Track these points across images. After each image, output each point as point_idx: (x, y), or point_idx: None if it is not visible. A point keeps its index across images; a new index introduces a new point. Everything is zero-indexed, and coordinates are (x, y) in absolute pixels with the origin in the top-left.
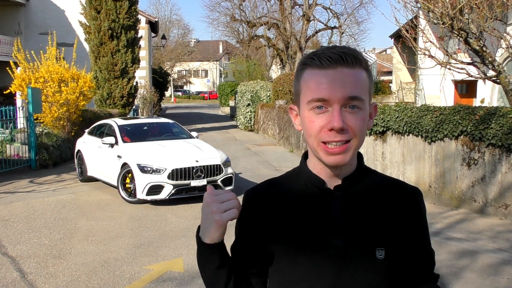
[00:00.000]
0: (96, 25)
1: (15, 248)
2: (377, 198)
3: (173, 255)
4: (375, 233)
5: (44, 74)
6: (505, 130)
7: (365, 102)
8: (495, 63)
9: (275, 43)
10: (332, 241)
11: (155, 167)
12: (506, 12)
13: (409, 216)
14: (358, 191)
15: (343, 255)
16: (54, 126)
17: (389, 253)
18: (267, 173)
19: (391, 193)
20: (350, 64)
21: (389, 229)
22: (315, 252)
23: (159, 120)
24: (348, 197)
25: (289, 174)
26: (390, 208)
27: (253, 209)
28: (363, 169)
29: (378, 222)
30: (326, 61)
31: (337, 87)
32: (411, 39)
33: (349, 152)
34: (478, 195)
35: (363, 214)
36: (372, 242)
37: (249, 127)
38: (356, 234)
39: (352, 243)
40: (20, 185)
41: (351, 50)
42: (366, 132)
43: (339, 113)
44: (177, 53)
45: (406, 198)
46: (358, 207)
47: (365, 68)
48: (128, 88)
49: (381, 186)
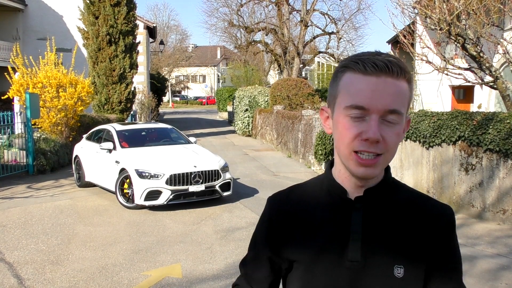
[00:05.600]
0: (94, 30)
1: (13, 254)
2: (401, 213)
3: (171, 260)
4: (395, 249)
5: (42, 79)
6: (503, 135)
7: (402, 116)
8: (492, 68)
9: (273, 49)
10: (349, 254)
11: (153, 173)
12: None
13: (435, 236)
14: (382, 204)
15: (360, 269)
16: (52, 131)
17: (409, 272)
18: (265, 178)
19: (418, 209)
20: (396, 74)
21: (411, 247)
22: (332, 263)
23: (157, 125)
24: (370, 209)
25: (313, 181)
26: (414, 225)
27: (275, 215)
28: (389, 182)
29: (399, 238)
30: (371, 67)
31: (379, 97)
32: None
33: (379, 165)
34: (476, 200)
35: (384, 228)
36: (391, 258)
37: (247, 133)
38: (375, 248)
39: (370, 258)
40: (18, 190)
41: (396, 59)
42: (397, 147)
43: (377, 124)
44: (175, 59)
45: (433, 217)
46: (379, 220)
47: (408, 81)
48: (126, 94)
49: (407, 201)
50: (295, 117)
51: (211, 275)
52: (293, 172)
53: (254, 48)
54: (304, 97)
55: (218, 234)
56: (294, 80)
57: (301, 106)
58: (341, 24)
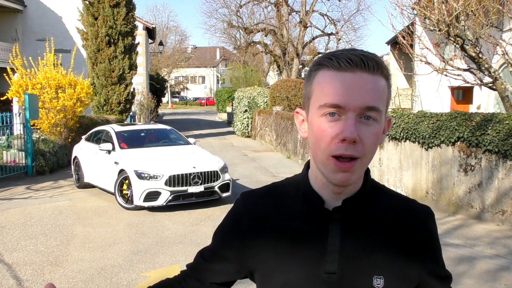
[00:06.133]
0: (94, 31)
1: (12, 255)
2: (381, 221)
3: (170, 261)
4: (374, 260)
5: (41, 80)
6: (502, 136)
7: (382, 114)
8: (491, 69)
9: (272, 50)
10: (326, 266)
11: (152, 174)
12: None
13: (418, 242)
14: (361, 213)
15: (337, 281)
16: (51, 132)
17: (389, 282)
18: (265, 179)
19: (398, 214)
20: (372, 69)
21: (392, 256)
22: (307, 275)
23: (156, 126)
24: (349, 219)
25: (289, 183)
26: (394, 232)
27: (244, 214)
28: (369, 187)
29: (379, 247)
30: (345, 63)
31: (355, 94)
32: (408, 46)
33: (356, 170)
34: (475, 201)
35: (363, 238)
36: (370, 270)
37: (246, 133)
38: (353, 259)
39: (348, 269)
40: (17, 191)
41: (372, 54)
42: (376, 148)
43: (354, 122)
44: (174, 59)
45: (414, 220)
46: (358, 230)
47: (385, 77)
48: (125, 94)
49: (387, 207)
50: (294, 118)
51: None
52: (293, 173)
53: (254, 49)
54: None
55: None
56: (293, 81)
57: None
58: (340, 25)
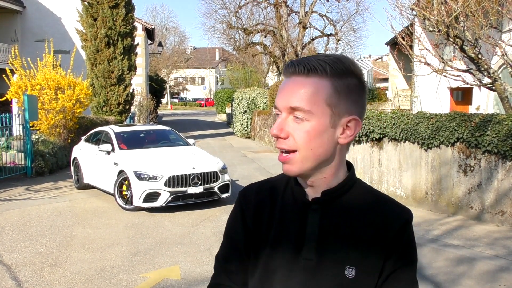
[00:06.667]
0: (93, 32)
1: (11, 256)
2: (358, 215)
3: (170, 262)
4: (347, 250)
5: (41, 81)
6: (501, 137)
7: (313, 114)
8: (490, 70)
9: (272, 50)
10: (303, 253)
11: (151, 174)
12: (501, 20)
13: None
14: (340, 206)
15: (313, 267)
16: (50, 133)
17: (361, 274)
18: None
19: (375, 211)
20: (302, 72)
21: (364, 249)
22: (286, 261)
23: (155, 127)
24: (328, 210)
25: (281, 178)
26: (369, 227)
27: (244, 205)
28: (350, 183)
29: (353, 239)
30: (285, 69)
31: (283, 96)
32: (407, 47)
33: (294, 163)
34: (474, 202)
35: (340, 229)
36: (343, 259)
37: (246, 134)
38: (328, 249)
39: (323, 258)
40: (16, 192)
41: (317, 57)
42: (319, 144)
43: (281, 120)
44: (174, 60)
45: (389, 219)
46: (336, 222)
47: (328, 77)
48: (125, 95)
49: (365, 203)
50: None
51: (209, 277)
52: None
53: (253, 50)
54: None
55: (216, 236)
56: None
57: None
58: (340, 26)
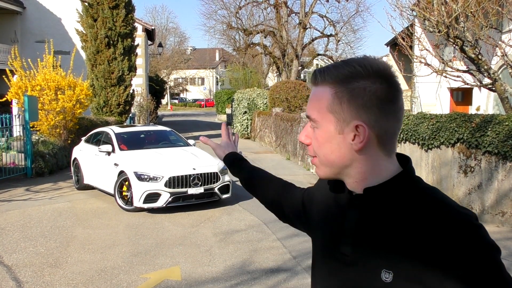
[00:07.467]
0: (93, 33)
1: (11, 257)
2: (407, 217)
3: (170, 263)
4: (387, 254)
5: (41, 82)
6: (501, 138)
7: (319, 122)
8: (490, 71)
9: (272, 51)
10: (341, 246)
11: (152, 175)
12: (501, 21)
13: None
14: (387, 204)
15: (349, 263)
16: (51, 134)
17: (398, 281)
18: None
19: (429, 215)
20: (315, 81)
21: (406, 255)
22: (328, 254)
23: (156, 128)
24: (371, 208)
25: None
26: (417, 234)
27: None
28: (400, 180)
29: (395, 242)
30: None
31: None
32: (407, 47)
33: (318, 167)
34: (475, 202)
35: (382, 229)
36: (380, 261)
37: (246, 135)
38: (366, 247)
39: (360, 256)
40: (16, 193)
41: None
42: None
43: (305, 128)
44: (174, 61)
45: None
46: (378, 221)
47: (332, 85)
48: (125, 96)
49: (420, 204)
50: (294, 120)
51: (210, 278)
52: (292, 175)
53: (253, 50)
54: (303, 99)
55: (217, 236)
56: (292, 82)
57: (300, 108)
58: (340, 26)
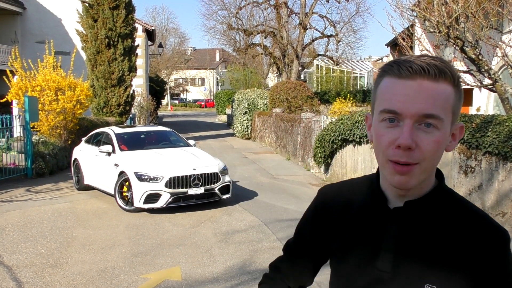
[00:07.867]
0: (93, 33)
1: (11, 257)
2: (446, 231)
3: (170, 263)
4: (429, 268)
5: (41, 82)
6: (502, 138)
7: (443, 122)
8: (491, 71)
9: (272, 51)
10: (379, 263)
11: (152, 176)
12: (501, 21)
13: (481, 262)
14: (425, 218)
15: (387, 280)
16: (51, 134)
17: None
18: (265, 181)
19: (467, 228)
20: (433, 76)
21: (449, 269)
22: (360, 268)
23: (156, 128)
24: (410, 222)
25: (363, 180)
26: (458, 247)
27: (319, 204)
28: (439, 193)
29: (437, 257)
30: (405, 71)
31: (412, 101)
32: (408, 48)
33: (415, 176)
34: (475, 203)
35: (423, 243)
36: (423, 276)
37: (246, 135)
38: (407, 262)
39: (401, 271)
40: (17, 193)
41: (438, 60)
42: (440, 155)
43: (410, 129)
44: (174, 61)
45: (482, 240)
46: (418, 235)
47: (452, 84)
48: (125, 97)
49: (455, 218)
50: (294, 120)
51: (210, 278)
52: (292, 175)
53: (253, 51)
54: (303, 100)
55: (217, 237)
56: (293, 83)
57: (300, 109)
58: (340, 27)
